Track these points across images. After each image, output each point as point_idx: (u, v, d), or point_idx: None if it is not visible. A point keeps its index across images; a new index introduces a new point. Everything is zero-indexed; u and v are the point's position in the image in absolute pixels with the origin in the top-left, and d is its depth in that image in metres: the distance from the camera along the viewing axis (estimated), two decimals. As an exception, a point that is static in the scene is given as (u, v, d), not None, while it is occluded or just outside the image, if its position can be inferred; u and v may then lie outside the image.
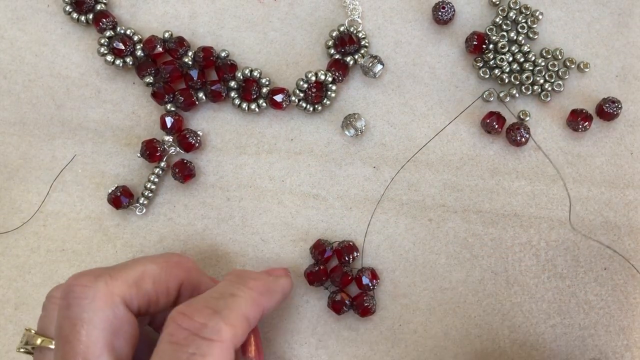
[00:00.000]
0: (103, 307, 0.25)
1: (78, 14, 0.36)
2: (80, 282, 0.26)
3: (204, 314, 0.25)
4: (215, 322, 0.25)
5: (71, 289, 0.26)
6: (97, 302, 0.25)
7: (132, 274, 0.27)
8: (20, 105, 0.37)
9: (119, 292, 0.26)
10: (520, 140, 0.34)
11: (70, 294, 0.26)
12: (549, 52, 0.36)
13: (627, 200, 0.35)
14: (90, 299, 0.25)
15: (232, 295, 0.27)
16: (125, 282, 0.27)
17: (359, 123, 0.35)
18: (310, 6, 0.37)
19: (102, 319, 0.25)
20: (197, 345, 0.24)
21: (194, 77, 0.35)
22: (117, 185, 0.35)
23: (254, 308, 0.27)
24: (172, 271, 0.29)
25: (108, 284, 0.26)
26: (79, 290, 0.26)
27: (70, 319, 0.25)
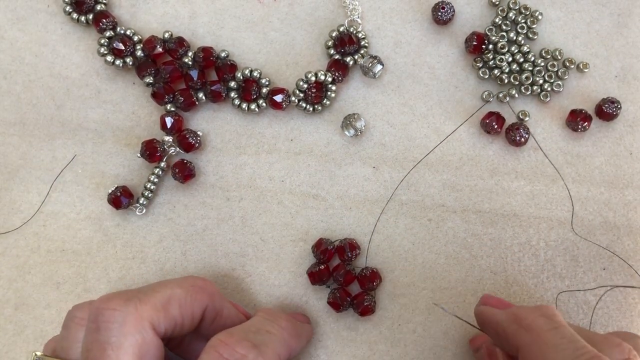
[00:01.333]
0: (133, 332, 0.25)
1: (78, 14, 0.36)
2: (110, 305, 0.26)
3: (245, 346, 0.26)
4: (255, 356, 0.26)
5: (101, 312, 0.26)
6: (127, 327, 0.25)
7: (160, 297, 0.27)
8: (20, 105, 0.37)
9: (148, 316, 0.26)
10: (520, 141, 0.34)
11: (99, 317, 0.25)
12: (549, 53, 0.36)
13: (626, 201, 0.35)
14: (120, 323, 0.25)
15: (268, 332, 0.28)
16: (153, 307, 0.26)
17: (359, 123, 0.35)
18: (310, 6, 0.37)
19: (132, 343, 0.25)
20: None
21: (194, 78, 0.35)
22: (117, 186, 0.35)
23: (285, 348, 0.28)
24: (197, 296, 0.29)
25: (138, 308, 0.26)
26: (109, 314, 0.25)
27: (99, 343, 0.25)
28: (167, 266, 0.35)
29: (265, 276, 0.35)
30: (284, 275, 0.35)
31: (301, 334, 0.31)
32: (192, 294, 0.29)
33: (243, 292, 0.35)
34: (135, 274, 0.35)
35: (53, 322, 0.35)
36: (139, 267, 0.35)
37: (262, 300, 0.35)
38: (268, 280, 0.35)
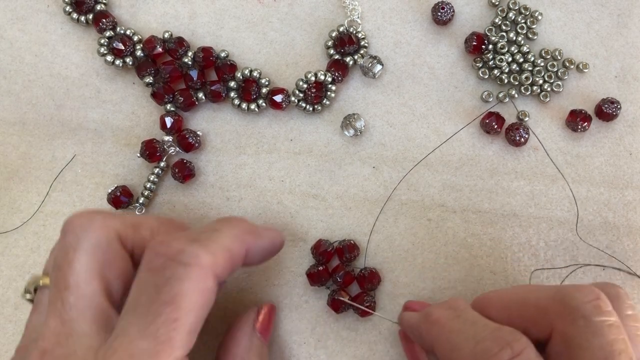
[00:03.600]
0: (98, 237, 0.26)
1: (78, 14, 0.36)
2: (79, 214, 0.26)
3: (182, 241, 0.25)
4: (193, 248, 0.24)
5: (70, 220, 0.26)
6: (91, 232, 0.25)
7: (130, 218, 0.27)
8: (20, 105, 0.37)
9: (115, 226, 0.26)
10: (520, 141, 0.34)
11: (67, 225, 0.26)
12: (548, 53, 0.36)
13: (626, 201, 0.35)
14: (85, 229, 0.26)
15: (214, 230, 0.26)
16: (122, 221, 0.27)
17: (359, 123, 0.35)
18: (310, 6, 0.37)
19: (95, 247, 0.25)
20: (173, 269, 0.23)
21: (194, 78, 0.35)
22: (116, 185, 0.35)
23: (237, 243, 0.27)
24: (170, 230, 0.28)
25: (105, 218, 0.26)
26: (76, 221, 0.26)
27: (64, 248, 0.26)
28: (166, 266, 0.35)
29: (265, 276, 0.35)
30: (283, 275, 0.35)
31: (260, 233, 0.29)
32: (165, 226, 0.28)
33: (243, 291, 0.35)
34: (135, 273, 0.35)
35: (53, 321, 0.35)
36: (139, 267, 0.35)
37: (262, 300, 0.35)
38: (268, 280, 0.35)
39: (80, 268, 0.25)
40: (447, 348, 0.25)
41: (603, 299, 0.24)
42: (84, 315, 0.24)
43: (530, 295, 0.26)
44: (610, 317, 0.24)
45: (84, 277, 0.25)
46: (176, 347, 0.23)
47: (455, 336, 0.25)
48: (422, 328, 0.28)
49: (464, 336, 0.25)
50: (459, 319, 0.26)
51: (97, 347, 0.24)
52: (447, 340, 0.26)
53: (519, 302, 0.27)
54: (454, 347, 0.25)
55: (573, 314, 0.24)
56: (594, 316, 0.24)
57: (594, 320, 0.23)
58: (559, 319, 0.24)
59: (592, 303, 0.24)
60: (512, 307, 0.27)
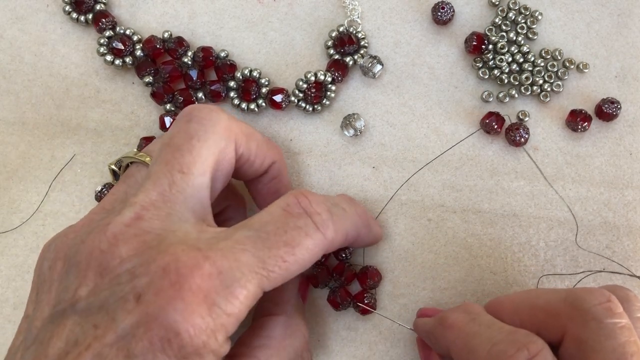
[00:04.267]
0: (221, 134, 0.27)
1: (77, 14, 0.36)
2: (208, 106, 0.27)
3: (322, 207, 0.26)
4: (328, 217, 0.26)
5: (198, 109, 0.27)
6: (217, 127, 0.27)
7: (245, 127, 0.29)
8: (19, 104, 0.37)
9: (236, 130, 0.28)
10: (520, 141, 0.34)
11: (194, 112, 0.27)
12: (549, 53, 0.36)
13: (626, 201, 0.35)
14: (213, 123, 0.27)
15: (344, 210, 0.28)
16: (241, 129, 0.28)
17: (358, 123, 0.35)
18: (310, 6, 0.37)
19: (217, 143, 0.26)
20: (307, 224, 0.25)
21: (194, 77, 0.35)
22: (104, 184, 0.35)
23: (353, 229, 0.29)
24: (271, 146, 0.31)
25: (230, 119, 0.28)
26: (206, 112, 0.27)
27: (187, 132, 0.26)
28: (166, 266, 0.35)
29: (264, 276, 0.35)
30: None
31: (373, 227, 0.32)
32: (268, 143, 0.30)
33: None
34: (134, 273, 0.35)
35: (52, 321, 0.35)
36: (138, 266, 0.35)
37: (262, 300, 0.35)
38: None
39: (199, 158, 0.26)
40: (464, 351, 0.26)
41: (614, 302, 0.24)
42: (186, 203, 0.25)
43: (541, 299, 0.26)
44: (622, 319, 0.24)
45: (200, 168, 0.26)
46: (267, 284, 0.24)
47: (471, 339, 0.25)
48: (437, 333, 0.28)
49: (479, 339, 0.25)
50: (474, 322, 0.26)
51: (195, 236, 0.24)
52: (464, 344, 0.26)
53: (530, 306, 0.27)
54: (470, 350, 0.25)
55: (585, 317, 0.24)
56: (605, 318, 0.24)
57: (605, 323, 0.24)
58: (570, 322, 0.25)
59: (604, 305, 0.24)
60: (523, 311, 0.27)
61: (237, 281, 0.23)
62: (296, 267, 0.25)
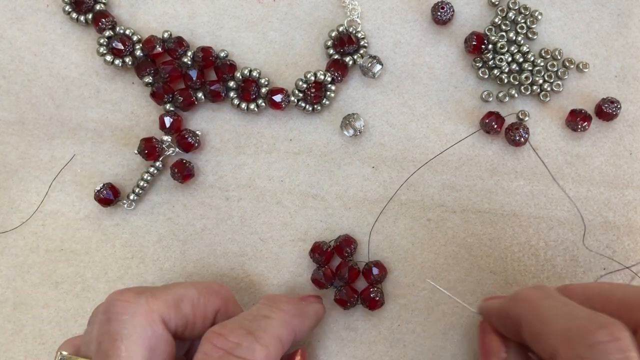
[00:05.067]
0: (143, 324, 0.26)
1: (77, 14, 0.36)
2: (122, 297, 0.26)
3: (238, 334, 0.26)
4: (250, 342, 0.26)
5: (113, 304, 0.26)
6: (137, 319, 0.26)
7: (172, 294, 0.28)
8: (19, 104, 0.37)
9: (159, 310, 0.27)
10: (520, 141, 0.34)
11: (111, 309, 0.26)
12: (548, 53, 0.36)
13: (626, 200, 0.35)
14: (130, 315, 0.26)
15: (265, 317, 0.28)
16: (165, 302, 0.27)
17: (358, 123, 0.35)
18: (310, 6, 0.37)
19: (142, 335, 0.26)
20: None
21: (193, 77, 0.35)
22: (103, 184, 0.35)
23: (286, 330, 0.28)
24: (210, 298, 0.29)
25: (149, 302, 0.26)
26: (120, 306, 0.26)
27: (110, 334, 0.25)
28: (166, 265, 0.35)
29: (264, 276, 0.35)
30: (283, 275, 0.35)
31: (306, 313, 0.31)
32: (205, 296, 0.29)
33: (242, 291, 0.35)
34: (134, 273, 0.35)
35: (51, 321, 0.35)
36: (138, 266, 0.35)
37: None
38: (267, 280, 0.35)
39: (127, 357, 0.25)
40: (537, 322, 0.25)
41: None
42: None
43: (617, 291, 0.26)
44: None
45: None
46: None
47: (546, 312, 0.25)
48: (509, 306, 0.27)
49: (556, 312, 0.24)
50: (551, 298, 0.26)
51: None
52: (537, 316, 0.25)
53: (604, 296, 0.27)
54: (545, 322, 0.24)
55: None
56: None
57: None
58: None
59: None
60: (596, 300, 0.27)
61: None
62: None
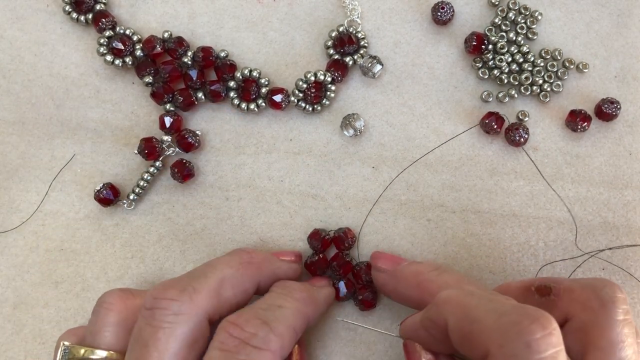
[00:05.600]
0: (187, 320, 0.26)
1: (77, 14, 0.36)
2: (167, 295, 0.27)
3: (254, 324, 0.26)
4: (265, 332, 0.26)
5: (157, 301, 0.26)
6: (181, 316, 0.26)
7: (212, 283, 0.28)
8: (19, 104, 0.37)
9: (203, 305, 0.27)
10: (519, 141, 0.34)
11: (155, 304, 0.26)
12: (548, 53, 0.36)
13: (625, 201, 0.35)
14: (176, 312, 0.26)
15: (279, 307, 0.28)
16: (208, 294, 0.27)
17: (358, 123, 0.35)
18: (310, 6, 0.37)
19: (184, 331, 0.26)
20: (247, 353, 0.25)
21: (193, 77, 0.35)
22: (103, 184, 0.35)
23: (300, 319, 0.28)
24: (246, 272, 0.30)
25: (193, 298, 0.27)
26: (166, 303, 0.26)
27: (152, 327, 0.26)
28: (166, 265, 0.35)
29: (264, 276, 0.35)
30: (282, 275, 0.35)
31: (318, 300, 0.31)
32: (241, 271, 0.29)
33: (242, 291, 0.35)
34: (134, 273, 0.35)
35: (51, 321, 0.35)
36: (138, 266, 0.35)
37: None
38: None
39: (165, 351, 0.25)
40: (465, 321, 0.24)
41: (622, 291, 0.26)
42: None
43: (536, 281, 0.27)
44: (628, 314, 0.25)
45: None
46: None
47: (472, 310, 0.24)
48: (432, 313, 0.26)
49: (483, 309, 0.24)
50: (473, 295, 0.25)
51: None
52: (464, 315, 0.24)
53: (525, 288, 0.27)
54: (473, 320, 0.24)
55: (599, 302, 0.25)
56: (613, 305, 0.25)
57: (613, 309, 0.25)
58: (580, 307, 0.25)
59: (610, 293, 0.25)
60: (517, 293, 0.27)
61: None
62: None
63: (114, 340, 0.28)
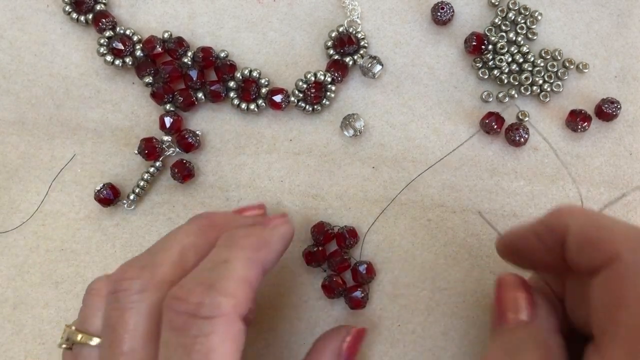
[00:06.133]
0: (151, 297, 0.25)
1: (77, 14, 0.36)
2: (127, 275, 0.26)
3: (198, 292, 0.24)
4: (212, 298, 0.23)
5: (119, 283, 0.26)
6: (145, 293, 0.25)
7: (173, 255, 0.26)
8: (19, 104, 0.37)
9: (166, 278, 0.26)
10: (520, 141, 0.34)
11: (118, 287, 0.26)
12: (548, 53, 0.36)
13: (625, 201, 0.35)
14: (138, 290, 0.25)
15: (225, 262, 0.25)
16: (170, 267, 0.26)
17: (358, 123, 0.35)
18: (310, 6, 0.37)
19: (151, 309, 0.25)
20: (199, 327, 0.23)
21: (193, 78, 0.35)
22: (103, 184, 0.35)
23: (252, 269, 0.25)
24: (208, 236, 0.27)
25: (154, 273, 0.26)
26: (127, 284, 0.25)
27: (119, 309, 0.25)
28: (166, 266, 0.35)
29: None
30: (282, 275, 0.35)
31: (270, 242, 0.27)
32: (202, 237, 0.27)
33: (242, 292, 0.35)
34: (134, 273, 0.35)
35: (52, 321, 0.35)
36: (138, 266, 0.35)
37: (260, 299, 0.35)
38: (266, 280, 0.35)
39: (135, 331, 0.25)
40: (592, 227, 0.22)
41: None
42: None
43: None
44: None
45: (139, 340, 0.25)
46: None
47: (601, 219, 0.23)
48: (551, 220, 0.25)
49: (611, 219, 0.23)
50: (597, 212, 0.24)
51: None
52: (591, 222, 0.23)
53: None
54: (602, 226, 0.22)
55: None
56: None
57: None
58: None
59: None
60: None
61: None
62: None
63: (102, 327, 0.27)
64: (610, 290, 0.21)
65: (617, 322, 0.20)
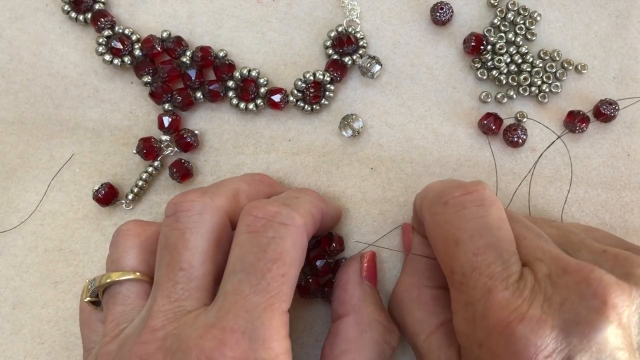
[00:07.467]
0: (210, 219, 0.27)
1: (76, 13, 0.36)
2: (188, 198, 0.27)
3: (276, 204, 0.27)
4: (288, 211, 0.26)
5: (180, 204, 0.27)
6: (205, 215, 0.27)
7: (230, 190, 0.29)
8: (18, 104, 0.37)
9: (223, 205, 0.28)
10: (518, 142, 0.35)
11: (178, 208, 0.27)
12: (547, 54, 0.36)
13: (623, 202, 0.35)
14: (198, 212, 0.27)
15: (296, 197, 0.29)
16: (226, 198, 0.28)
17: (357, 124, 0.35)
18: (309, 6, 0.37)
19: (209, 229, 0.27)
20: (275, 229, 0.26)
21: (192, 77, 0.35)
22: (102, 183, 0.35)
23: (316, 208, 0.29)
24: (259, 187, 0.31)
25: (213, 199, 0.28)
26: (188, 205, 0.27)
27: (179, 230, 0.27)
28: (164, 266, 0.35)
29: (262, 276, 0.35)
30: (281, 275, 0.35)
31: (329, 203, 0.32)
32: (254, 186, 0.31)
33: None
34: (133, 273, 0.35)
35: (50, 321, 0.35)
36: (137, 266, 0.35)
37: (260, 300, 0.35)
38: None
39: (195, 249, 0.26)
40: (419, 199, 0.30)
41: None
42: (193, 296, 0.26)
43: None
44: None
45: (198, 257, 0.26)
46: (284, 300, 0.25)
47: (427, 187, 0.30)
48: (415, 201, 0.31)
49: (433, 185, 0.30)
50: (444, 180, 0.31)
51: (205, 317, 0.25)
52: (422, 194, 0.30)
53: None
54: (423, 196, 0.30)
55: None
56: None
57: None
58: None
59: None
60: None
61: (260, 328, 0.24)
62: (294, 269, 0.26)
63: (136, 263, 0.29)
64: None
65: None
